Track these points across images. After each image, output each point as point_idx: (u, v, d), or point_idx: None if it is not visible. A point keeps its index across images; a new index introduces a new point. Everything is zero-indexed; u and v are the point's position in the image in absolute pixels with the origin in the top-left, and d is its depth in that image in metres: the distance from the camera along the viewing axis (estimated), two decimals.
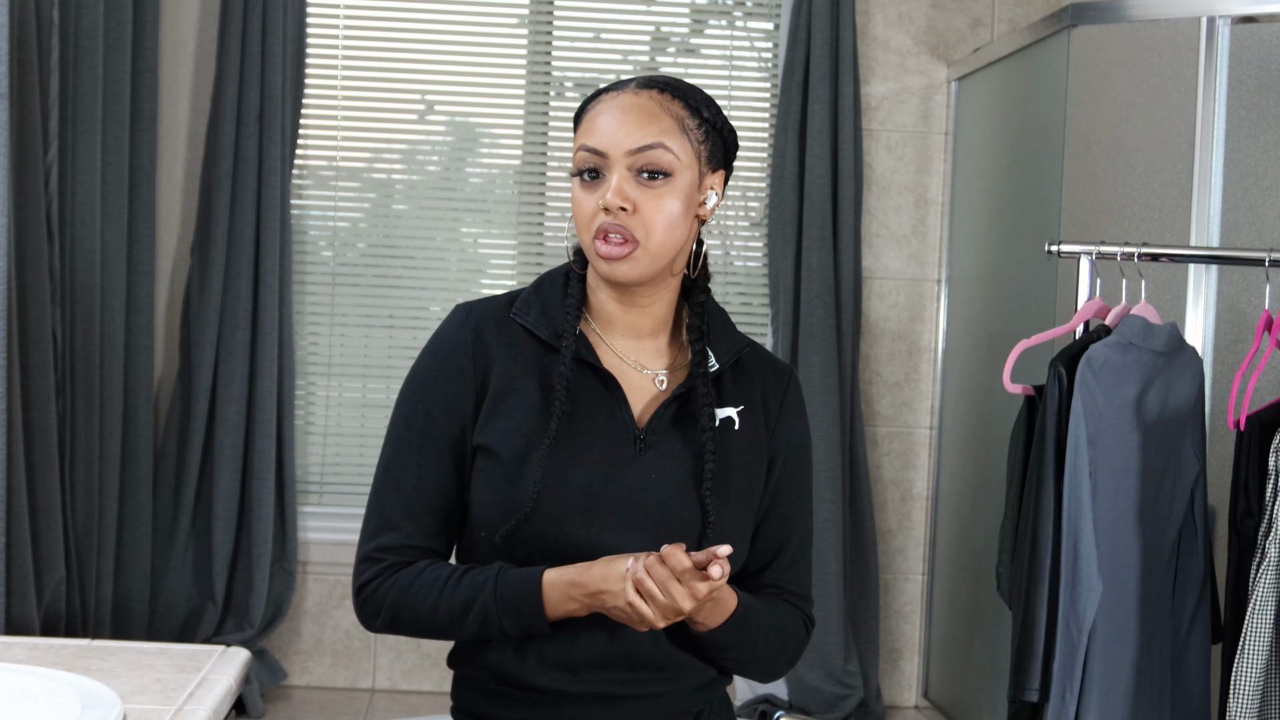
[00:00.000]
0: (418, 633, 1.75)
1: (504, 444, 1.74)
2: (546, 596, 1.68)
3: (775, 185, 4.27)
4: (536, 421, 1.74)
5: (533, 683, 1.75)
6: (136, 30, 4.04)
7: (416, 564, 1.75)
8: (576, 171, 1.76)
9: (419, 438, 1.76)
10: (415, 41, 4.40)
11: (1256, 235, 3.17)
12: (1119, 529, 2.59)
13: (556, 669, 1.75)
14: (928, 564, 4.46)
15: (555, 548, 1.72)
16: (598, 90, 1.81)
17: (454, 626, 1.72)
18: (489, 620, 1.70)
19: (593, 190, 1.74)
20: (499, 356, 1.76)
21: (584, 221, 1.75)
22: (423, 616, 1.73)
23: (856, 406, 4.29)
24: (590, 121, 1.76)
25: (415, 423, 1.77)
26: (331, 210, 4.41)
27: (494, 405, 1.75)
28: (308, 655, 4.36)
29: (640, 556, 1.65)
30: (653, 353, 1.83)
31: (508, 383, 1.76)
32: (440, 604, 1.71)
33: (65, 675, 1.65)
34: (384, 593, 1.74)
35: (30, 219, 3.61)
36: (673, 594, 1.62)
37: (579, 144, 1.76)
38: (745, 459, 1.81)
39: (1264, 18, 3.18)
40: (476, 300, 1.83)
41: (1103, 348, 2.58)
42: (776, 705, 4.20)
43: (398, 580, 1.74)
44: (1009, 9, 4.43)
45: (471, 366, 1.76)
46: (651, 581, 1.62)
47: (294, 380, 4.23)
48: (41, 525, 3.67)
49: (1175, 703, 2.66)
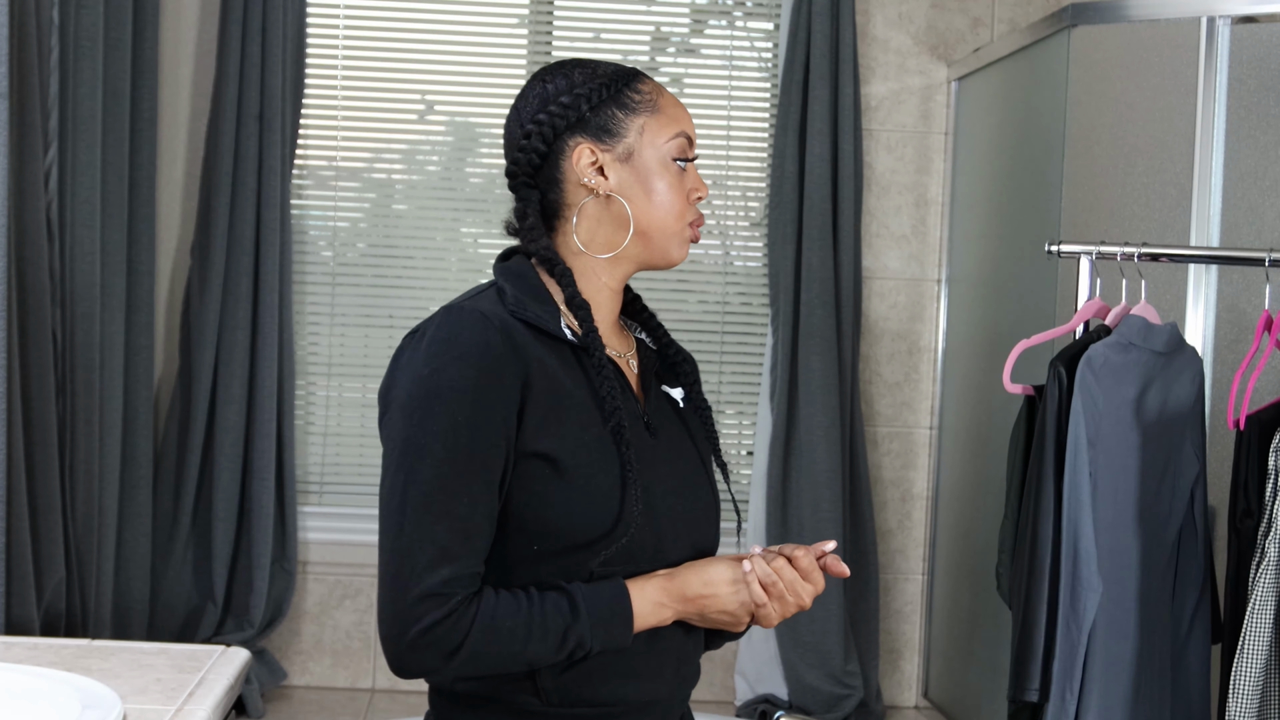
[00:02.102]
0: (496, 668, 1.61)
1: (568, 452, 1.63)
2: (637, 609, 1.64)
3: (775, 185, 4.27)
4: (589, 425, 1.65)
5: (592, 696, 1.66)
6: (136, 30, 4.04)
7: (485, 594, 1.60)
8: (676, 158, 1.72)
9: (464, 456, 1.59)
10: (415, 41, 4.40)
11: (1256, 235, 3.17)
12: (1119, 529, 2.59)
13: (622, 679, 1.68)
14: (928, 564, 4.46)
15: (623, 552, 1.65)
16: (633, 70, 1.76)
17: (543, 656, 1.61)
18: (581, 644, 1.61)
19: (682, 180, 1.73)
20: (531, 359, 1.64)
21: (675, 209, 1.72)
22: (512, 652, 1.60)
23: (856, 406, 4.29)
24: (673, 109, 1.74)
25: (458, 439, 1.59)
26: (331, 210, 4.41)
27: (545, 411, 1.63)
28: (308, 655, 4.36)
29: (754, 558, 1.67)
30: (615, 335, 1.80)
31: (553, 385, 1.65)
32: (532, 635, 1.60)
33: (65, 675, 1.65)
34: (463, 630, 1.57)
35: (30, 219, 3.61)
36: (800, 593, 1.67)
37: (675, 130, 1.73)
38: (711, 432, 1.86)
39: (1264, 18, 3.18)
40: (469, 301, 1.67)
41: (1103, 348, 2.58)
42: (776, 705, 4.19)
43: (478, 615, 1.58)
44: (1009, 9, 4.43)
45: (510, 373, 1.61)
46: (783, 583, 1.66)
47: (294, 380, 4.23)
48: (41, 525, 3.66)
49: (1175, 703, 2.66)
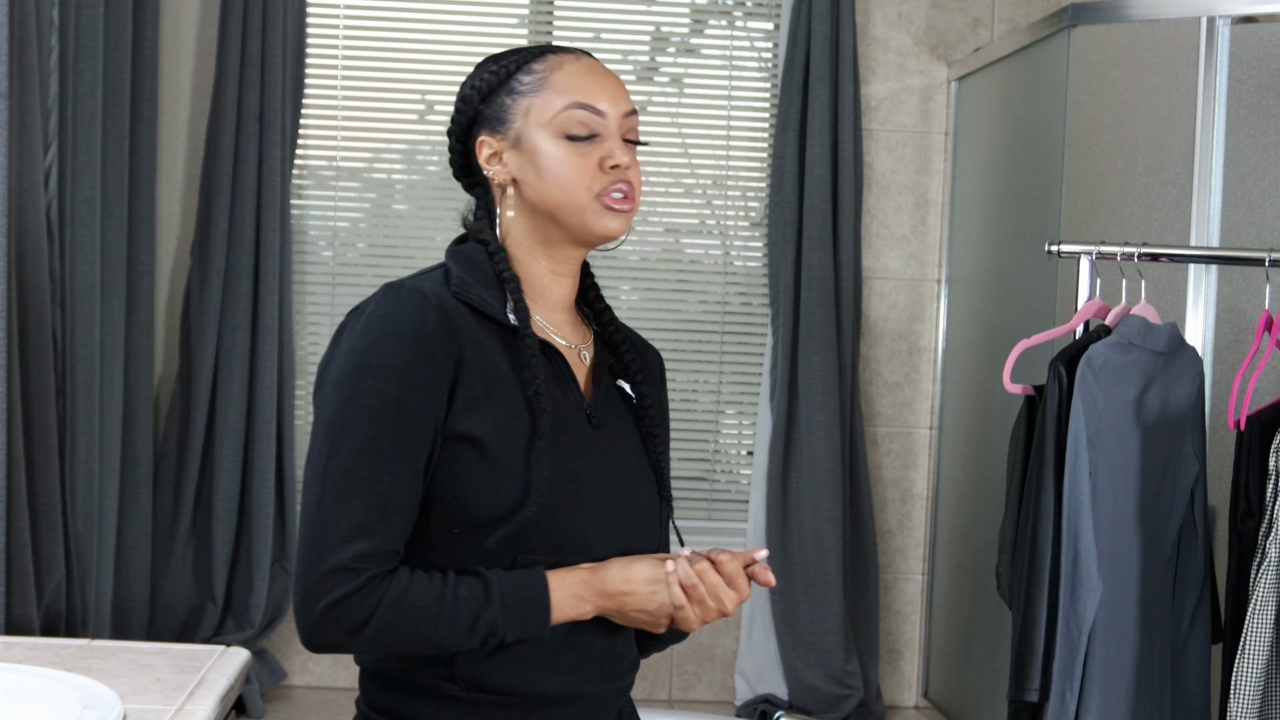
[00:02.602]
0: (406, 649, 1.60)
1: (492, 435, 1.61)
2: (555, 600, 1.60)
3: (775, 185, 4.27)
4: (517, 410, 1.63)
5: (510, 686, 1.64)
6: (136, 30, 4.04)
7: (399, 573, 1.59)
8: (569, 134, 1.67)
9: (389, 432, 1.58)
10: (415, 41, 4.40)
11: (1256, 235, 3.17)
12: (1119, 529, 2.59)
13: (539, 670, 1.64)
14: (928, 564, 4.46)
15: (546, 541, 1.63)
16: (537, 49, 1.71)
17: (454, 640, 1.59)
18: (494, 631, 1.59)
19: (585, 152, 1.67)
20: (467, 340, 1.63)
21: (580, 183, 1.66)
22: (420, 633, 1.58)
23: (856, 406, 4.29)
24: (568, 80, 1.68)
25: (383, 415, 1.58)
26: (331, 210, 4.41)
27: (474, 392, 1.62)
28: (308, 655, 4.36)
29: (678, 559, 1.62)
30: (569, 325, 1.76)
31: (483, 366, 1.63)
32: (442, 618, 1.58)
33: (65, 675, 1.65)
34: (370, 607, 1.56)
35: (30, 219, 3.61)
36: (722, 599, 1.62)
37: (568, 101, 1.67)
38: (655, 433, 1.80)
39: (1264, 18, 3.18)
40: (412, 280, 1.68)
41: (1103, 348, 2.58)
42: (776, 705, 4.19)
43: (387, 593, 1.57)
44: (1009, 9, 4.42)
45: (442, 352, 1.60)
46: (704, 587, 1.61)
47: (294, 380, 4.23)
48: (41, 525, 3.66)
49: (1175, 703, 2.66)
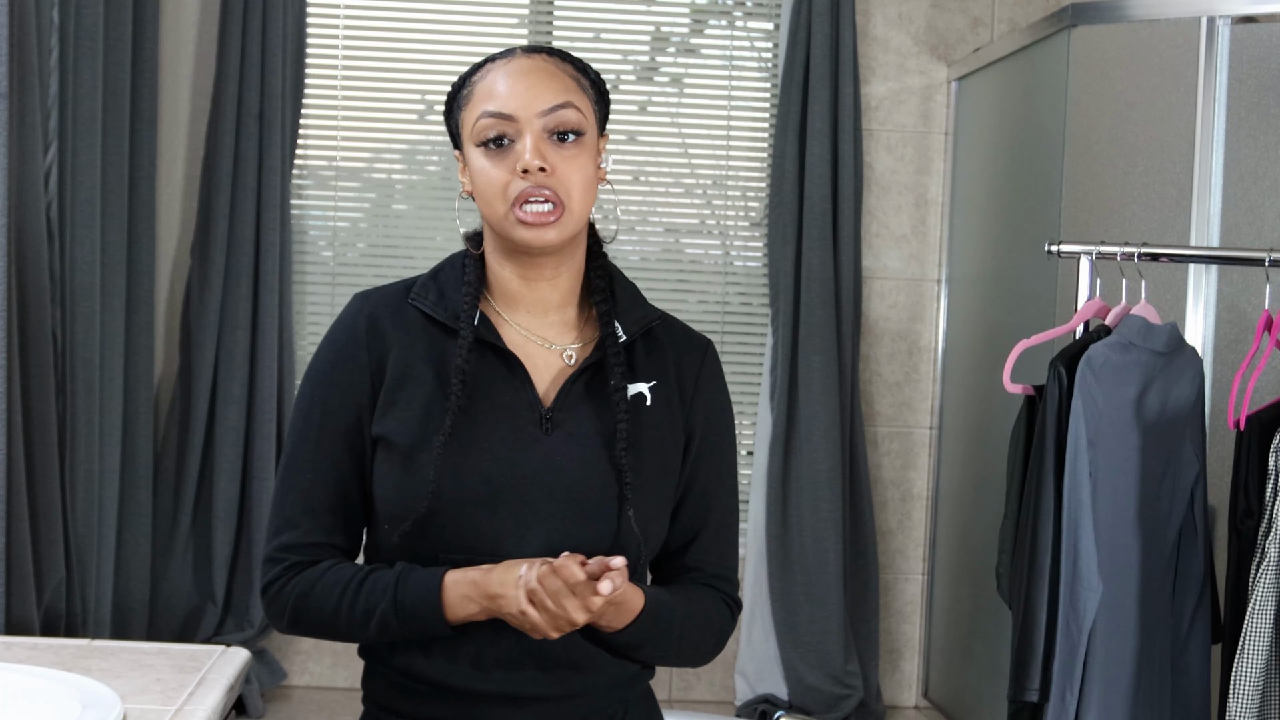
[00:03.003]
0: (322, 635, 1.67)
1: (401, 435, 1.65)
2: (447, 599, 1.60)
3: (775, 185, 4.27)
4: (434, 410, 1.65)
5: (441, 681, 1.67)
6: (136, 30, 4.04)
7: (319, 565, 1.67)
8: (480, 141, 1.65)
9: (315, 432, 1.67)
10: (415, 41, 4.40)
11: (1256, 235, 3.17)
12: (1119, 529, 2.59)
13: (466, 667, 1.66)
14: (928, 564, 4.46)
15: (459, 541, 1.64)
16: (478, 63, 1.71)
17: (356, 632, 1.65)
18: (388, 628, 1.63)
19: (501, 159, 1.64)
20: (395, 344, 1.67)
21: (495, 191, 1.64)
22: (324, 622, 1.65)
23: (856, 406, 4.29)
24: (486, 89, 1.66)
25: (311, 417, 1.68)
26: (331, 210, 4.41)
27: (391, 394, 1.66)
28: (308, 655, 4.36)
29: (534, 563, 1.55)
30: (560, 327, 1.73)
31: (404, 370, 1.66)
32: (341, 610, 1.64)
33: (65, 675, 1.65)
34: (286, 595, 1.66)
35: (30, 219, 3.61)
36: (565, 607, 1.53)
37: (478, 111, 1.65)
38: (658, 435, 1.71)
39: (1264, 18, 3.18)
40: (375, 288, 1.73)
41: (1103, 348, 2.58)
42: (776, 705, 4.19)
43: (299, 583, 1.66)
44: (1009, 9, 4.42)
45: (366, 355, 1.67)
46: (544, 592, 1.53)
47: (294, 380, 4.23)
48: (41, 525, 3.66)
49: (1175, 703, 2.66)
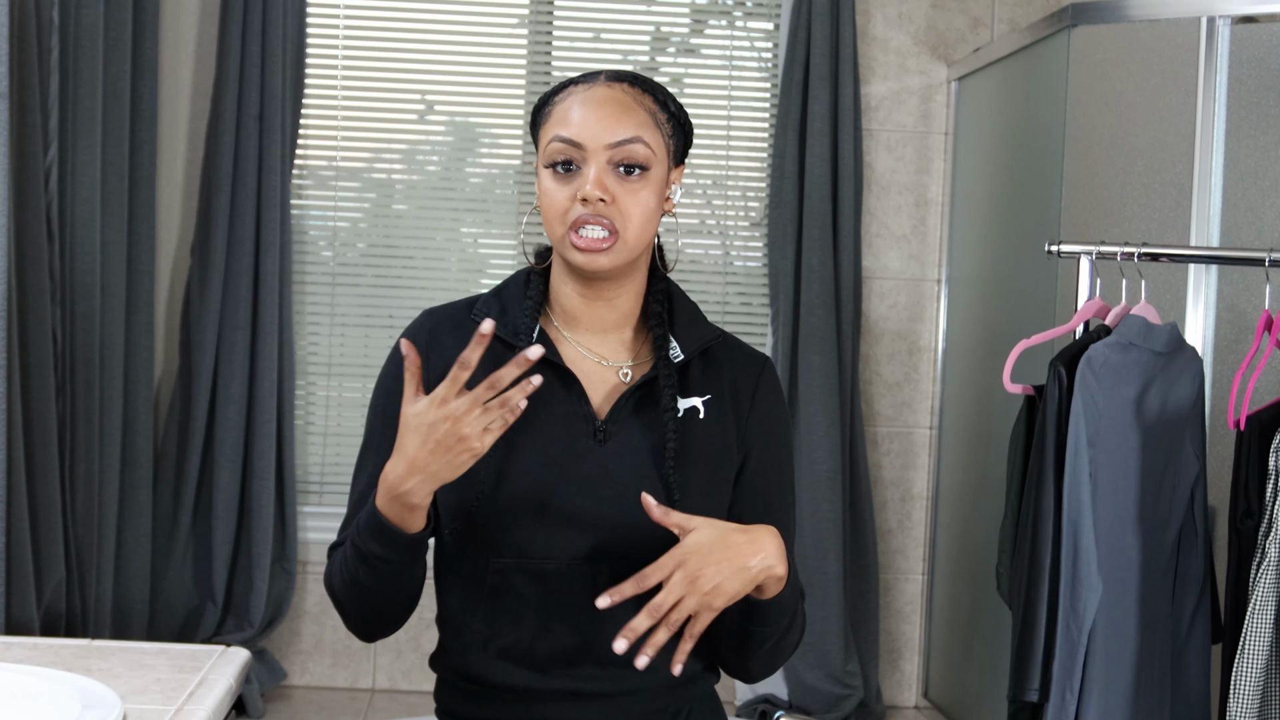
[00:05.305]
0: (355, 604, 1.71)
1: None
2: (379, 507, 1.64)
3: (775, 185, 4.27)
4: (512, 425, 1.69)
5: (501, 681, 1.73)
6: (136, 30, 4.04)
7: None
8: (549, 164, 1.71)
9: (377, 438, 1.77)
10: (415, 41, 4.40)
11: (1256, 235, 3.17)
12: (1119, 529, 2.59)
13: (522, 667, 1.72)
14: (928, 564, 4.46)
15: (510, 544, 1.70)
16: (563, 82, 1.77)
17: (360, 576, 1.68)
18: (361, 552, 1.66)
19: (567, 183, 1.70)
20: (444, 361, 1.73)
21: (556, 214, 1.71)
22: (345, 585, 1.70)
23: (856, 406, 4.29)
24: (562, 113, 1.72)
25: (375, 424, 1.79)
26: (331, 210, 4.41)
27: None
28: (308, 655, 4.36)
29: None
30: (618, 346, 1.79)
31: None
32: (347, 565, 1.69)
33: (65, 675, 1.65)
34: (328, 575, 1.76)
35: (30, 219, 3.61)
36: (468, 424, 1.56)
37: (551, 135, 1.71)
38: (711, 449, 1.76)
39: (1264, 18, 3.18)
40: (441, 304, 1.82)
41: (1103, 348, 2.58)
42: (776, 705, 4.20)
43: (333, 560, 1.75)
44: (1009, 9, 4.43)
45: (425, 366, 1.73)
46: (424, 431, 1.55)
47: (294, 380, 4.23)
48: (41, 525, 3.66)
49: (1175, 703, 2.66)
